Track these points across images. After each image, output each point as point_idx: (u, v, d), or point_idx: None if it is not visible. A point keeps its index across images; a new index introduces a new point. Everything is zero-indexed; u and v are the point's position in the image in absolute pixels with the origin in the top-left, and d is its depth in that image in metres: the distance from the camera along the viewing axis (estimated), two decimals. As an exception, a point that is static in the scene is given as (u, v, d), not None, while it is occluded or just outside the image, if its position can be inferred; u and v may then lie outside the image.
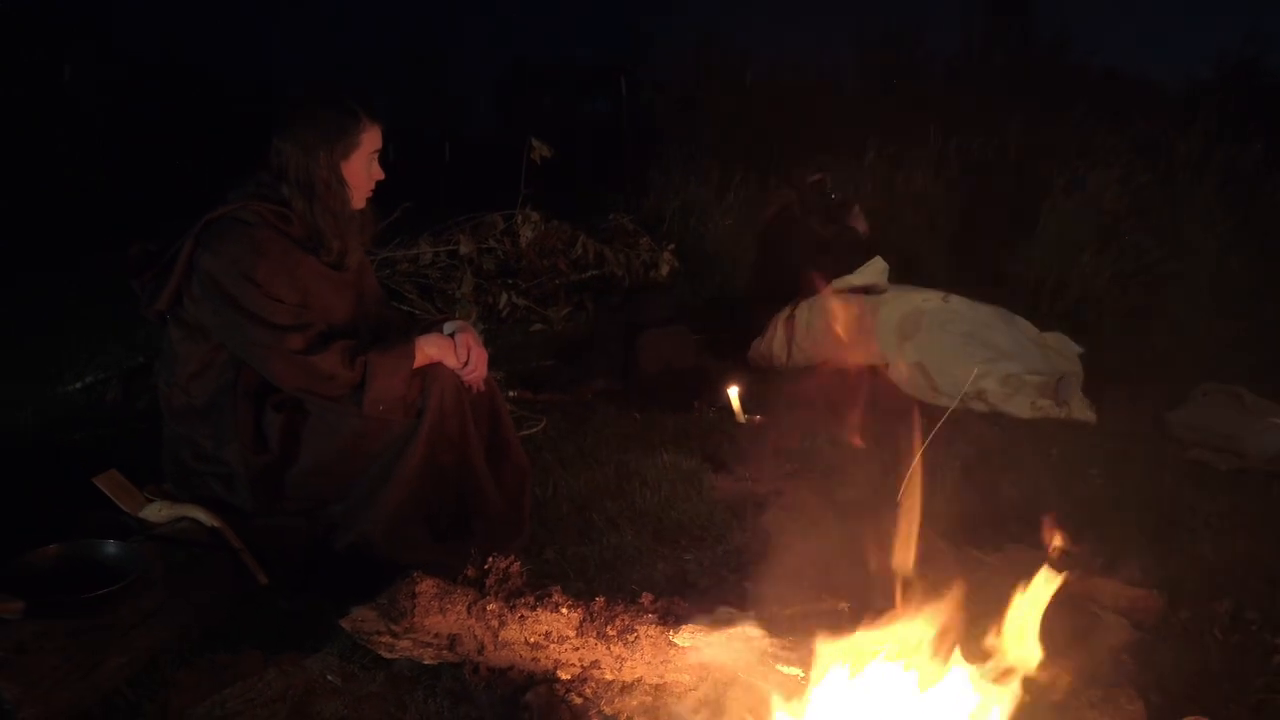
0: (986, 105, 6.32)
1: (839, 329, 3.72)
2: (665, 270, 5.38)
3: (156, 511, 2.18)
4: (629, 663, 1.58)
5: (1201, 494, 2.89)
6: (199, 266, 2.17)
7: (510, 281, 4.89)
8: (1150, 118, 6.04)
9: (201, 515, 2.17)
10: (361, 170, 2.28)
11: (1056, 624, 2.10)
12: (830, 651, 1.42)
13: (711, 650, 1.53)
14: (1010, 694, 1.52)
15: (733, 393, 3.41)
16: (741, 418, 3.39)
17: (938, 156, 5.76)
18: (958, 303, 3.69)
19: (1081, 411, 3.43)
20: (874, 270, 3.89)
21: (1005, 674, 1.57)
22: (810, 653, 1.44)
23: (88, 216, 5.18)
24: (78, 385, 3.78)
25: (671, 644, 1.57)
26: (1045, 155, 5.69)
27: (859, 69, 7.56)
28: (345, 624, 1.67)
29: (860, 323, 3.70)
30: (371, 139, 2.28)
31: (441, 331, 2.37)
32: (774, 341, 3.96)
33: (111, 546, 1.98)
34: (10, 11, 5.36)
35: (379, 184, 2.38)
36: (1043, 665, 1.63)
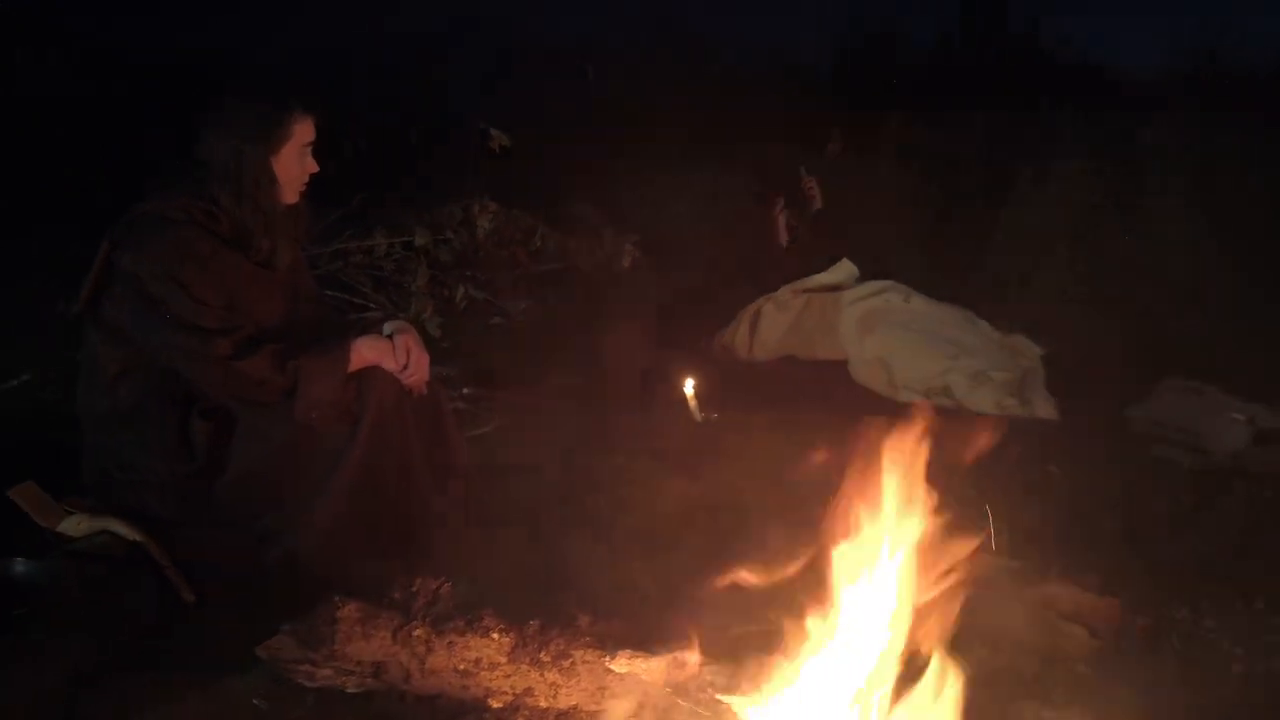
0: (955, 95, 6.27)
1: (801, 324, 3.66)
2: (627, 262, 5.27)
3: (75, 525, 2.06)
4: (564, 690, 1.50)
5: (1162, 493, 2.85)
6: (119, 266, 2.07)
7: (468, 274, 4.77)
8: (1120, 108, 6.00)
9: (123, 528, 2.06)
10: (293, 164, 2.18)
11: (1014, 632, 2.08)
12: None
13: (650, 676, 1.46)
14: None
15: (689, 391, 3.34)
16: (698, 416, 3.32)
17: (903, 147, 5.70)
18: (920, 302, 3.65)
19: (1045, 409, 3.40)
20: (842, 271, 3.84)
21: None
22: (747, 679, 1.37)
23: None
24: (14, 383, 3.63)
25: (609, 670, 1.49)
26: (1013, 146, 5.65)
27: (826, 57, 7.49)
28: (261, 652, 1.58)
29: (823, 318, 3.64)
30: (303, 131, 2.18)
31: (380, 332, 2.28)
32: (737, 335, 3.90)
33: (20, 565, 1.87)
34: (9, 11, 5.21)
35: (319, 176, 2.28)
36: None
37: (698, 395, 3.36)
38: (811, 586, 1.65)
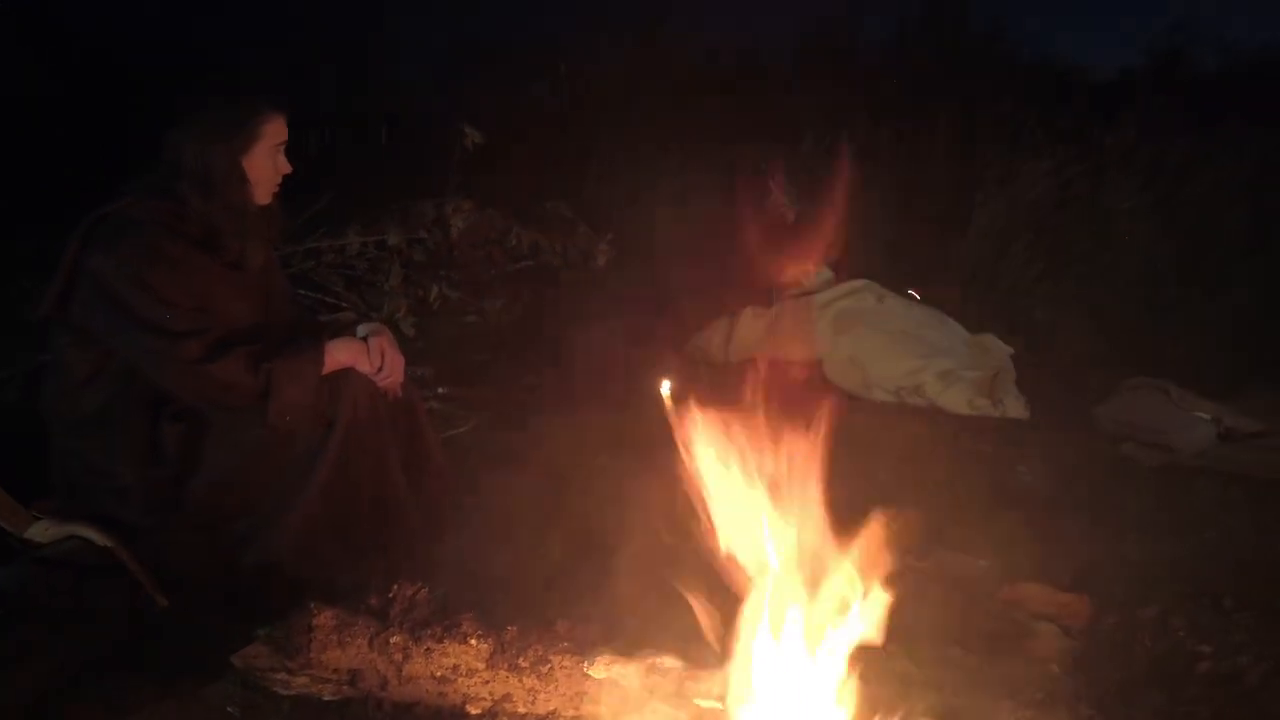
0: (919, 94, 6.30)
1: (776, 328, 3.68)
2: (602, 260, 5.26)
3: (43, 530, 2.03)
4: (543, 695, 1.50)
5: (1129, 491, 2.90)
6: (87, 268, 2.03)
7: (442, 273, 4.74)
8: (1080, 109, 6.06)
9: (93, 534, 2.02)
10: (265, 164, 2.15)
11: (986, 632, 2.10)
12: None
13: (628, 682, 1.46)
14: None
15: (665, 391, 3.34)
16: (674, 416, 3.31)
17: (871, 146, 5.72)
18: (893, 302, 3.68)
19: (1015, 409, 3.44)
20: (819, 278, 3.85)
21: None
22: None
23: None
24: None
25: (587, 675, 1.50)
26: (977, 146, 5.69)
27: (796, 54, 7.49)
28: (236, 661, 1.56)
29: (797, 321, 3.67)
30: (275, 131, 2.15)
31: (354, 334, 2.26)
32: (714, 338, 3.91)
33: (-13, 573, 1.84)
34: (11, 11, 5.14)
35: (293, 175, 2.25)
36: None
37: (673, 395, 3.35)
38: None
